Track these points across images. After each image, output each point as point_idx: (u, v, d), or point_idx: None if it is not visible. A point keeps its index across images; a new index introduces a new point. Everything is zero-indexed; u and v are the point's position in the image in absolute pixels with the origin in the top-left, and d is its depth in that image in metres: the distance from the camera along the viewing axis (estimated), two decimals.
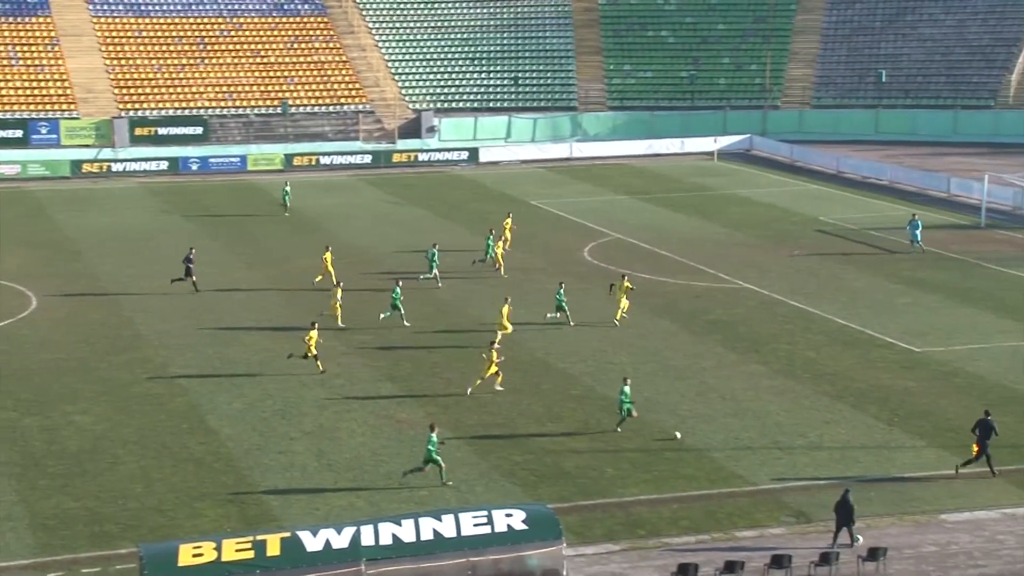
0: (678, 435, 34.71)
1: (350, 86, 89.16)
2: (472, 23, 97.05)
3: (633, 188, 74.55)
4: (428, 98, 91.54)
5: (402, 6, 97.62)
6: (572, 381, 39.67)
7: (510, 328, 43.30)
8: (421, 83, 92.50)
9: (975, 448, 32.03)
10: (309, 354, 39.99)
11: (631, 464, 33.07)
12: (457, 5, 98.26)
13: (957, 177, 71.59)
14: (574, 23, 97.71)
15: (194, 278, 50.30)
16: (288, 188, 67.78)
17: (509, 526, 25.20)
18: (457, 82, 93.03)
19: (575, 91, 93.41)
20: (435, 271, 50.98)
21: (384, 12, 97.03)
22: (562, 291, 45.85)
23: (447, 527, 25.07)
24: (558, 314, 45.51)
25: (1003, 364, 40.49)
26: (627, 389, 35.11)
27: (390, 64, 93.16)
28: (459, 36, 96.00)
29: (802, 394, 38.17)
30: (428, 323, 45.75)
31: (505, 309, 43.61)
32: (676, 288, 50.53)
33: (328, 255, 50.69)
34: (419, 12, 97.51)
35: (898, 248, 57.65)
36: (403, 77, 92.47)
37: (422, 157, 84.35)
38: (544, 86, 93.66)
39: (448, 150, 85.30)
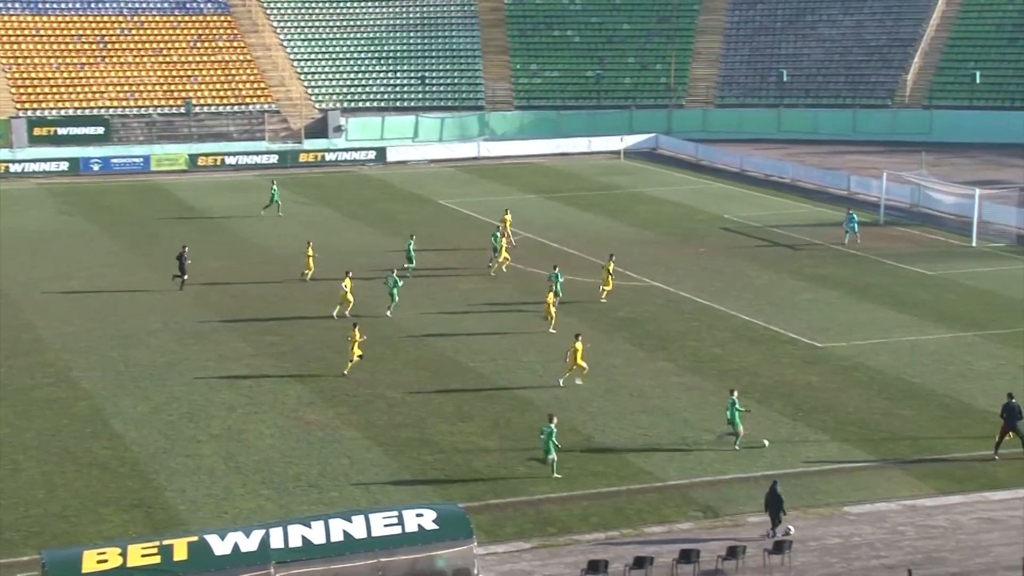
0: (766, 443, 34.12)
1: (255, 85, 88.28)
2: (378, 22, 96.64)
3: (541, 187, 74.80)
4: (335, 98, 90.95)
5: (307, 5, 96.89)
6: (483, 380, 39.70)
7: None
8: (327, 82, 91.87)
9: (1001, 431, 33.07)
10: (354, 355, 39.42)
11: (542, 462, 33.17)
12: (363, 4, 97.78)
13: (856, 175, 72.93)
14: (480, 23, 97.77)
15: (185, 276, 49.96)
16: (276, 187, 66.64)
17: (420, 526, 25.15)
18: (364, 82, 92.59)
19: (482, 90, 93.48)
20: (413, 263, 51.91)
21: (289, 11, 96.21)
22: (558, 274, 47.49)
23: (357, 528, 24.95)
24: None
25: (902, 358, 41.34)
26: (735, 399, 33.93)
27: (295, 63, 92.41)
28: (365, 35, 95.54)
29: (709, 390, 38.61)
30: (339, 323, 45.47)
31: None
32: (585, 287, 50.80)
33: (310, 249, 51.26)
34: (324, 11, 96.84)
35: (800, 244, 58.59)
36: (309, 76, 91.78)
37: (329, 157, 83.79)
38: (451, 85, 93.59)
39: (355, 150, 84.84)
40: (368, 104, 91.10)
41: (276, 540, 24.58)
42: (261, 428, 35.54)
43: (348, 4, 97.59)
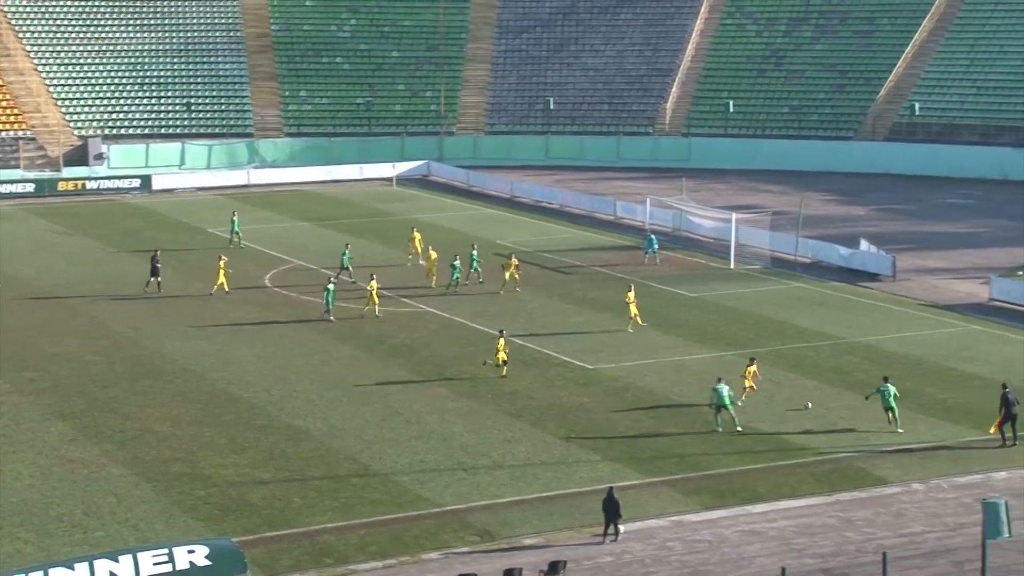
0: (809, 405, 38.60)
1: (8, 112, 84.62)
2: (140, 47, 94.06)
3: (313, 214, 74.15)
4: (95, 124, 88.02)
5: (63, 29, 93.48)
6: (255, 411, 38.97)
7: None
8: (87, 109, 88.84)
9: (998, 422, 36.16)
10: (500, 362, 41.61)
11: (317, 492, 32.78)
12: (123, 29, 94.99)
13: (622, 200, 74.95)
14: (247, 49, 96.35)
15: (159, 279, 52.47)
16: (236, 218, 64.45)
17: (191, 563, 24.43)
18: (126, 108, 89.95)
19: (251, 117, 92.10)
20: (349, 267, 54.94)
21: (43, 35, 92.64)
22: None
23: (124, 568, 24.04)
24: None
25: (668, 378, 42.62)
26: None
27: (52, 89, 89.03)
28: (127, 61, 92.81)
29: (485, 414, 38.91)
30: (102, 356, 43.87)
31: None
32: (359, 313, 50.47)
33: (221, 263, 53.00)
34: (81, 35, 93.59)
35: (570, 268, 59.79)
36: (67, 102, 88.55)
37: (91, 185, 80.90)
38: (218, 112, 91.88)
39: (119, 177, 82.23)
40: (131, 131, 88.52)
41: None
42: (19, 468, 33.92)
43: (107, 28, 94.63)
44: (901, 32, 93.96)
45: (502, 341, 42.41)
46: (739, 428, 37.26)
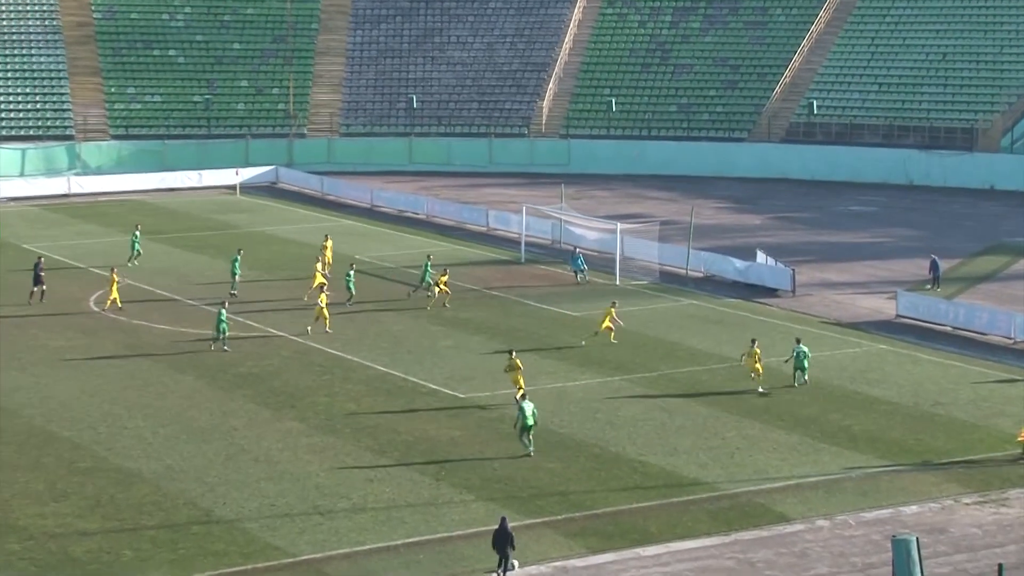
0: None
1: None
2: None
3: (146, 228, 72.95)
4: None
5: None
6: (79, 452, 38.15)
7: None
8: None
9: None
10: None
11: (152, 543, 32.18)
12: None
13: (495, 209, 75.28)
14: (65, 40, 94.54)
15: (44, 287, 54.45)
16: (138, 233, 63.85)
17: None
18: None
19: (71, 117, 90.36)
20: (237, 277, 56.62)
21: None
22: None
23: None
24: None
25: (548, 407, 42.78)
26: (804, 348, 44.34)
27: None
28: None
29: (343, 451, 38.64)
30: None
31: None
32: (200, 339, 49.79)
33: (115, 275, 54.03)
34: None
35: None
36: None
37: None
38: (33, 112, 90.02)
39: None
40: None
41: None
42: None
43: None
44: (796, 24, 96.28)
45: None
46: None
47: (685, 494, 35.74)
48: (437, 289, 55.19)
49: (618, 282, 60.57)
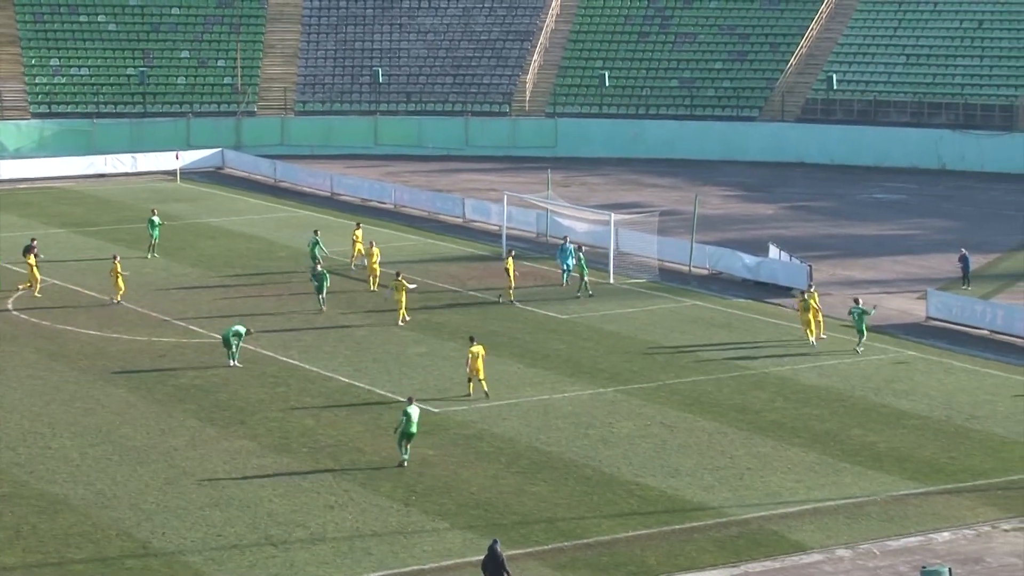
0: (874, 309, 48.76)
1: None
2: None
3: (72, 219, 72.95)
4: None
5: None
6: None
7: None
8: None
9: None
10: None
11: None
12: None
13: (472, 198, 75.40)
14: None
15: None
16: (155, 219, 65.23)
17: None
18: None
19: None
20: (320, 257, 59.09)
21: None
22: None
23: None
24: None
25: (534, 422, 42.93)
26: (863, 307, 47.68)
27: None
28: None
29: (300, 473, 38.72)
30: None
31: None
32: (135, 346, 49.82)
33: (117, 266, 55.48)
34: None
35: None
36: None
37: None
38: None
39: None
40: None
41: None
42: None
43: None
44: None
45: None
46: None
47: (688, 520, 35.90)
48: (398, 293, 53.53)
49: (612, 280, 60.73)
